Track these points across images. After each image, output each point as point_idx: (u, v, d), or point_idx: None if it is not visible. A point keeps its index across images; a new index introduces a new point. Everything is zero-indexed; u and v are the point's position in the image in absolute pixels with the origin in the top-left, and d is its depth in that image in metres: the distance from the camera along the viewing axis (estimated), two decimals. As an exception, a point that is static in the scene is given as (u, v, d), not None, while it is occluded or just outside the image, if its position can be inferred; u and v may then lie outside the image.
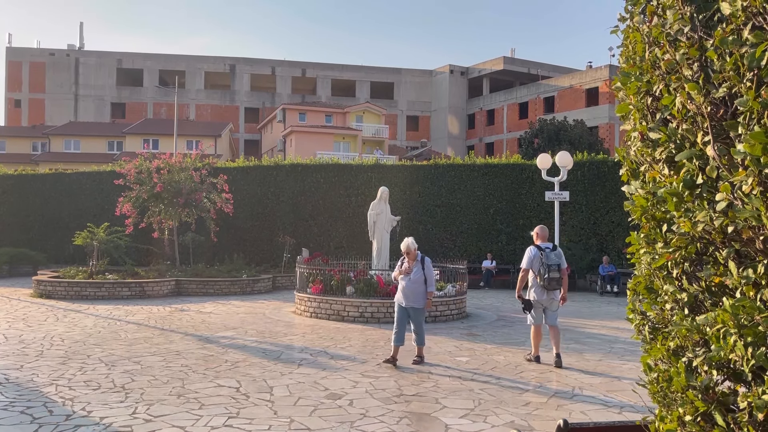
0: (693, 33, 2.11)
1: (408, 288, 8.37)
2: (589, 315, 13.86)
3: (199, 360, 8.50)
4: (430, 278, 8.40)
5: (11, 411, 6.04)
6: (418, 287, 8.36)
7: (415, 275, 8.37)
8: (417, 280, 8.36)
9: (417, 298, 8.37)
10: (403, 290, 8.42)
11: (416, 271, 8.38)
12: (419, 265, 8.42)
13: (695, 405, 2.07)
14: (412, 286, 8.36)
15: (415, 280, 8.36)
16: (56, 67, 60.55)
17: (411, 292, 8.36)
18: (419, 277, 8.36)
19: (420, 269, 8.39)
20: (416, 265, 8.42)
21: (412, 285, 8.35)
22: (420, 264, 8.43)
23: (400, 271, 8.54)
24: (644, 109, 2.43)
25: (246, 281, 17.47)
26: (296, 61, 65.12)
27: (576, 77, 52.63)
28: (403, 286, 8.43)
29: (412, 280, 8.37)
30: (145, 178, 18.01)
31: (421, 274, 8.37)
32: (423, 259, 8.49)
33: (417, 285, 8.36)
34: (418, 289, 8.36)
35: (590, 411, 6.29)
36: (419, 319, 8.42)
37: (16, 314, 12.69)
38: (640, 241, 2.51)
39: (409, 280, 8.39)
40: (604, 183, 19.40)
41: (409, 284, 8.36)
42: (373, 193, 16.37)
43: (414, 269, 8.38)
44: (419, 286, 8.36)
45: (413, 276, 8.36)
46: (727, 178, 1.97)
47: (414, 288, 8.36)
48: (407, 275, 8.39)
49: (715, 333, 1.99)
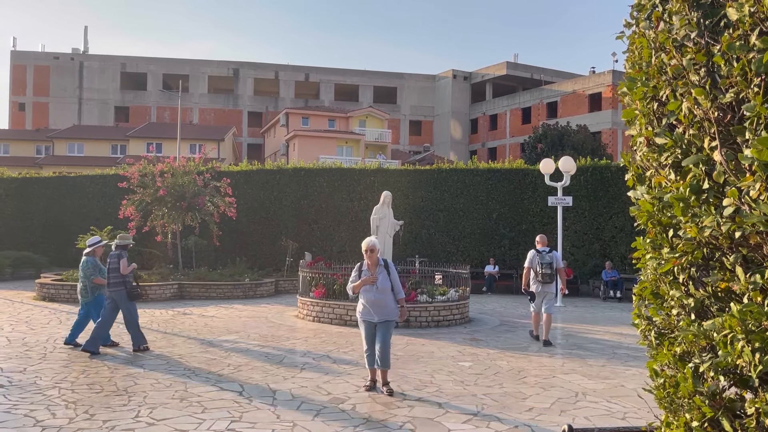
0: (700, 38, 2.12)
1: (377, 299, 7.15)
2: (592, 320, 13.83)
3: (201, 364, 8.50)
4: (397, 284, 7.31)
5: (14, 414, 6.04)
6: (388, 297, 7.21)
7: (382, 284, 7.17)
8: (385, 289, 7.18)
9: (389, 310, 7.21)
10: (372, 304, 7.15)
11: (382, 278, 7.20)
12: (383, 271, 7.25)
13: (702, 411, 2.06)
14: (381, 297, 7.15)
15: (383, 289, 7.17)
16: (60, 71, 60.79)
17: (381, 304, 7.16)
18: (387, 285, 7.21)
19: (386, 276, 7.23)
20: (380, 270, 7.25)
21: (381, 295, 7.15)
22: (384, 269, 7.28)
23: (362, 282, 7.19)
24: (650, 114, 2.43)
25: (248, 285, 17.47)
26: (299, 65, 65.33)
27: (579, 82, 52.67)
28: (371, 299, 7.15)
29: (379, 290, 7.14)
30: (148, 182, 18.03)
31: (388, 281, 7.22)
32: (387, 264, 7.38)
33: (386, 294, 7.19)
34: (387, 299, 7.20)
35: (594, 417, 6.27)
36: (388, 334, 7.24)
37: (19, 317, 12.70)
38: (645, 246, 2.51)
39: (375, 290, 7.15)
40: (607, 188, 19.38)
41: (377, 295, 7.14)
42: (375, 197, 16.37)
43: (379, 277, 7.20)
44: (388, 295, 7.21)
45: (380, 284, 7.15)
46: (734, 183, 1.97)
47: (383, 299, 7.17)
48: (372, 284, 7.16)
49: (722, 338, 1.99)
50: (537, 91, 56.24)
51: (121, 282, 9.48)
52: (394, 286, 7.25)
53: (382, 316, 7.16)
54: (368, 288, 7.15)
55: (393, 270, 7.35)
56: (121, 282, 9.48)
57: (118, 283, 9.47)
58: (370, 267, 7.27)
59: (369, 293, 7.16)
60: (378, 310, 7.15)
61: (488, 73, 62.51)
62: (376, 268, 7.25)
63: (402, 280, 13.54)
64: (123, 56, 62.65)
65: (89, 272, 9.90)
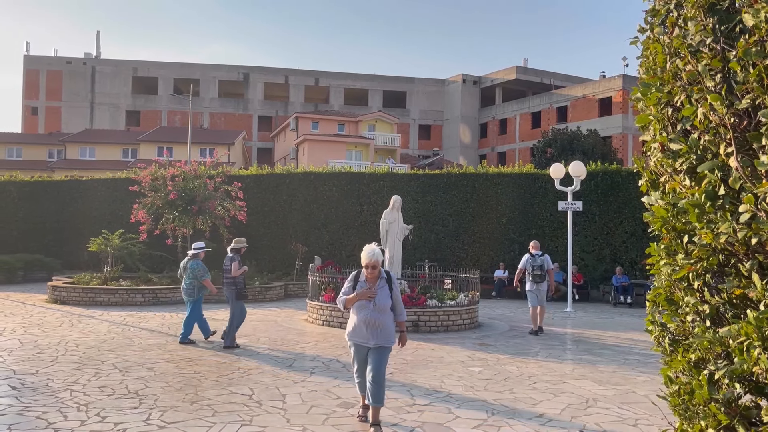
0: (715, 44, 2.11)
1: (372, 319, 5.85)
2: (602, 326, 13.75)
3: (212, 367, 8.53)
4: (399, 303, 6.08)
5: (26, 416, 6.09)
6: (387, 318, 5.96)
7: (381, 300, 5.90)
8: (384, 307, 5.90)
9: (386, 334, 5.94)
10: (367, 324, 5.87)
11: (382, 294, 5.93)
12: (385, 286, 6.00)
13: (718, 418, 2.05)
14: (378, 317, 5.87)
15: (381, 307, 5.88)
16: (73, 76, 61.33)
17: (378, 326, 5.87)
18: (386, 303, 5.93)
19: (386, 292, 5.96)
20: (380, 285, 5.99)
21: (378, 315, 5.87)
22: (386, 284, 6.02)
23: (358, 296, 5.94)
24: (665, 120, 2.42)
25: (258, 289, 17.51)
26: (309, 70, 65.54)
27: (589, 87, 52.50)
28: (366, 319, 5.88)
29: (377, 308, 5.87)
30: (160, 186, 18.14)
31: (389, 298, 5.97)
32: (390, 277, 6.11)
33: (384, 314, 5.92)
34: (386, 320, 5.94)
35: (605, 423, 6.23)
36: (383, 363, 5.92)
37: (32, 320, 12.79)
38: (660, 252, 2.50)
39: (372, 307, 5.87)
40: (618, 193, 19.29)
41: (374, 314, 5.86)
42: (385, 201, 16.38)
43: (379, 292, 5.93)
44: (387, 316, 5.96)
45: (379, 301, 5.88)
46: (750, 189, 1.96)
47: (381, 319, 5.89)
48: (369, 300, 5.90)
49: (738, 346, 1.97)
50: (547, 96, 56.11)
51: (232, 282, 10.35)
52: (396, 305, 6.02)
53: (377, 340, 5.88)
54: (364, 304, 5.90)
55: (396, 286, 6.10)
56: (232, 282, 10.35)
57: (230, 284, 10.37)
58: (368, 279, 6.02)
59: (364, 311, 5.88)
60: (373, 332, 5.87)
61: (498, 77, 62.46)
62: (377, 281, 6.00)
63: (411, 284, 13.71)
64: (134, 61, 63.12)
65: (199, 274, 10.72)
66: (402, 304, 6.14)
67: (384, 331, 5.91)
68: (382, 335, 5.91)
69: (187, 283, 10.75)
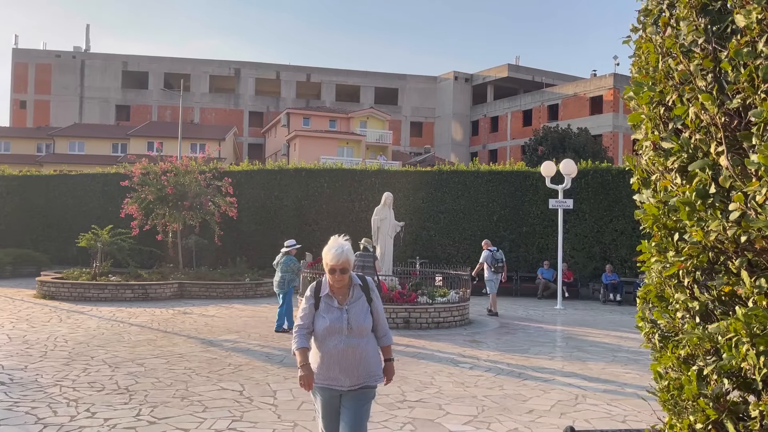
0: (707, 44, 2.14)
1: (347, 349, 3.78)
2: (592, 323, 13.84)
3: (202, 363, 8.51)
4: (383, 321, 4.01)
5: (16, 411, 6.06)
6: (367, 344, 3.87)
7: (358, 319, 3.84)
8: (362, 329, 3.84)
9: (369, 368, 3.86)
10: (340, 357, 3.77)
11: (358, 310, 3.87)
12: (362, 297, 3.93)
13: (706, 413, 2.08)
14: (355, 345, 3.80)
15: (359, 329, 3.82)
16: (62, 69, 60.83)
17: (355, 358, 3.79)
18: (365, 323, 3.86)
19: (364, 305, 3.90)
20: (354, 296, 3.91)
21: (356, 341, 3.80)
22: (362, 294, 3.94)
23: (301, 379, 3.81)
24: (657, 119, 2.45)
25: (249, 285, 17.49)
26: (301, 66, 65.36)
27: (580, 85, 52.73)
28: (337, 349, 3.77)
29: (353, 331, 3.80)
30: (151, 180, 18.05)
31: (368, 316, 3.89)
32: (366, 284, 4.01)
33: (363, 340, 3.84)
34: (367, 348, 3.86)
35: (594, 419, 6.29)
36: (365, 414, 3.88)
37: (20, 315, 12.71)
38: (651, 249, 2.53)
39: (345, 330, 3.80)
40: (608, 191, 19.40)
41: (349, 340, 3.79)
42: (376, 198, 16.39)
43: (352, 307, 3.86)
44: (368, 341, 3.88)
45: (355, 322, 3.82)
46: (740, 188, 1.99)
47: (360, 347, 3.81)
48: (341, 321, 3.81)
49: (727, 342, 2.00)
50: (538, 94, 56.30)
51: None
52: (378, 324, 3.97)
53: (355, 379, 3.79)
54: (333, 327, 3.78)
55: (376, 296, 4.01)
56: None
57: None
58: (335, 291, 3.89)
59: (334, 338, 3.77)
60: (350, 368, 3.77)
61: (489, 75, 62.58)
62: (348, 293, 3.89)
63: (402, 280, 13.75)
64: (125, 55, 62.70)
65: (296, 268, 11.89)
66: (386, 320, 4.06)
67: (365, 364, 3.81)
68: (363, 371, 3.80)
69: (280, 276, 11.68)
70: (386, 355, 4.08)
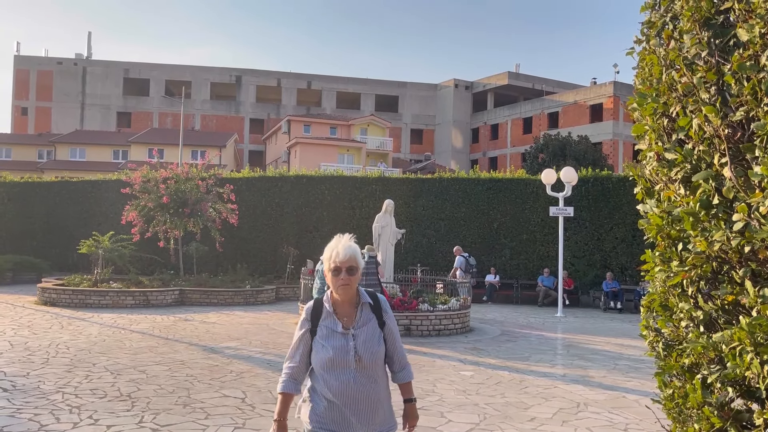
0: (710, 57, 2.17)
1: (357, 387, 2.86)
2: (593, 331, 13.84)
3: (204, 370, 8.52)
4: (399, 347, 3.09)
5: (19, 418, 6.06)
6: (381, 380, 2.98)
7: (368, 347, 2.92)
8: (374, 360, 2.93)
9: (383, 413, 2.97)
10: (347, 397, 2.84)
11: (367, 334, 2.94)
12: (372, 319, 2.98)
13: (711, 421, 2.10)
14: (366, 381, 2.89)
15: (370, 361, 2.90)
16: (63, 76, 61.03)
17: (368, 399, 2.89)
18: (376, 351, 2.94)
19: (374, 329, 2.96)
20: (364, 317, 2.96)
21: (367, 376, 2.89)
22: (372, 315, 2.99)
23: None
24: (660, 130, 2.48)
25: (249, 292, 17.49)
26: (302, 73, 65.61)
27: (580, 93, 52.90)
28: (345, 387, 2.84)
29: (363, 364, 2.88)
30: (152, 187, 18.09)
31: (381, 343, 2.97)
32: (377, 302, 3.03)
33: (376, 373, 2.95)
34: (380, 385, 2.96)
35: (596, 428, 6.29)
36: None
37: (21, 321, 12.71)
38: (655, 259, 2.55)
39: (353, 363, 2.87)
40: (608, 199, 19.44)
41: (358, 377, 2.86)
42: (377, 205, 16.42)
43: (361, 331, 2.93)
44: (380, 377, 2.98)
45: (364, 350, 2.89)
46: (743, 199, 2.02)
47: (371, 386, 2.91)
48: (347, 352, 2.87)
49: (731, 351, 2.03)
50: (538, 102, 56.46)
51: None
52: (394, 351, 3.08)
53: (369, 426, 2.91)
54: (338, 359, 2.86)
55: (391, 319, 3.06)
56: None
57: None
58: (339, 310, 2.98)
59: (340, 373, 2.86)
60: (362, 411, 2.88)
61: (490, 82, 62.78)
62: (355, 314, 2.97)
63: (403, 288, 13.80)
64: (126, 62, 62.92)
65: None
66: (403, 349, 3.16)
67: (379, 406, 2.94)
68: (377, 416, 2.93)
69: (320, 284, 11.62)
70: (406, 395, 3.13)
